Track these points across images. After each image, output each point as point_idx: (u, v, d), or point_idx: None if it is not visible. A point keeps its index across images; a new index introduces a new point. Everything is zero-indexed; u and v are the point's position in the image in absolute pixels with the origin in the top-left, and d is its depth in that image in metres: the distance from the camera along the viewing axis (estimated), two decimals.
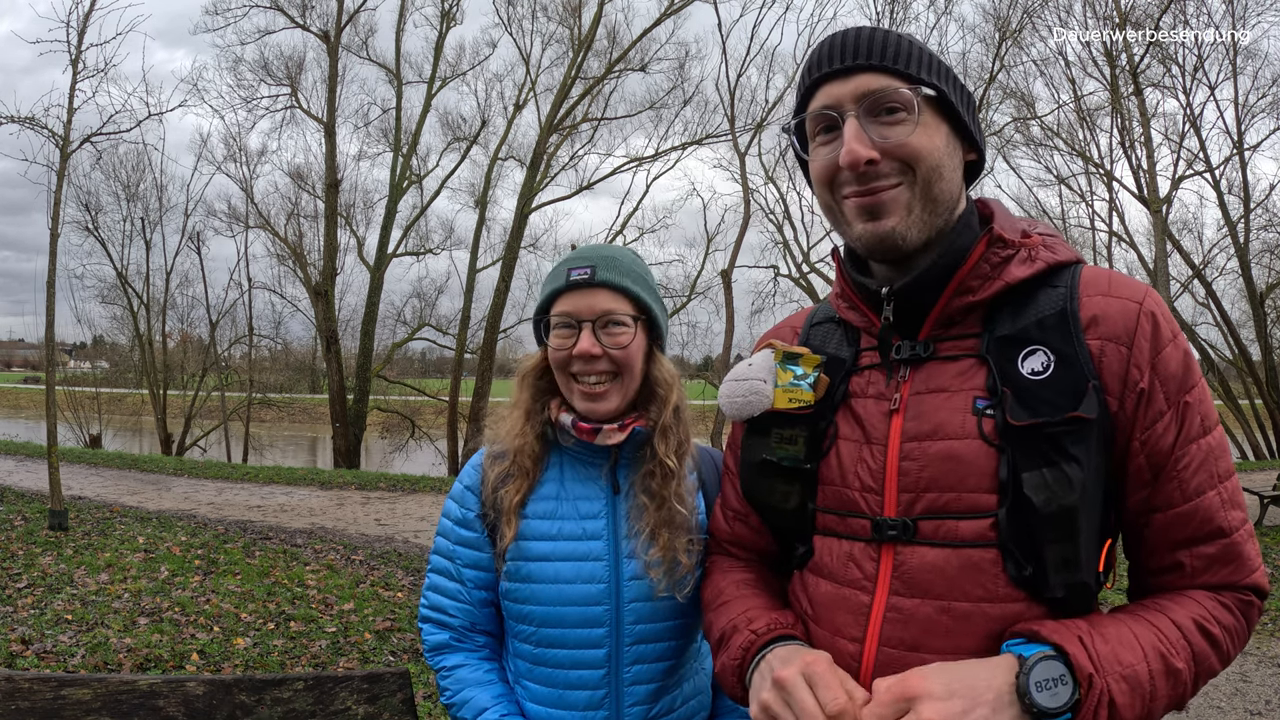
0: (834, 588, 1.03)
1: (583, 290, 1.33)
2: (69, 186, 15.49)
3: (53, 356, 8.12)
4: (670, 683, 1.37)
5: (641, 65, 19.11)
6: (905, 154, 0.97)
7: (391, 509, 10.18)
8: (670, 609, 1.34)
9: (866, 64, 0.98)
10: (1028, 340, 0.97)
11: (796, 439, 1.09)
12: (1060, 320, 0.97)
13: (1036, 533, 0.91)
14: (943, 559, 0.95)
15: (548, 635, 1.33)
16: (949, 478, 0.96)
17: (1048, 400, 0.92)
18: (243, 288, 21.53)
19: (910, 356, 1.03)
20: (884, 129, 0.97)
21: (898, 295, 1.03)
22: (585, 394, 1.33)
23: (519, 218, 18.68)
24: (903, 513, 0.98)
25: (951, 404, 0.98)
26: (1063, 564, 0.92)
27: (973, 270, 1.00)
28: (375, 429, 21.29)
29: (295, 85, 19.52)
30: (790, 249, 19.28)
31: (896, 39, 1.00)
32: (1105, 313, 0.96)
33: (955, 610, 0.94)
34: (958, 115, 1.01)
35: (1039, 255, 1.01)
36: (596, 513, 1.36)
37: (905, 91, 0.97)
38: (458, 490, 1.45)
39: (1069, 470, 0.90)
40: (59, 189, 7.68)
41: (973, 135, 1.04)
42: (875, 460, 1.01)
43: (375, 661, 4.60)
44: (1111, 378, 0.94)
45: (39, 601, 5.27)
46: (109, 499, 10.01)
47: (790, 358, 1.10)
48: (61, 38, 7.49)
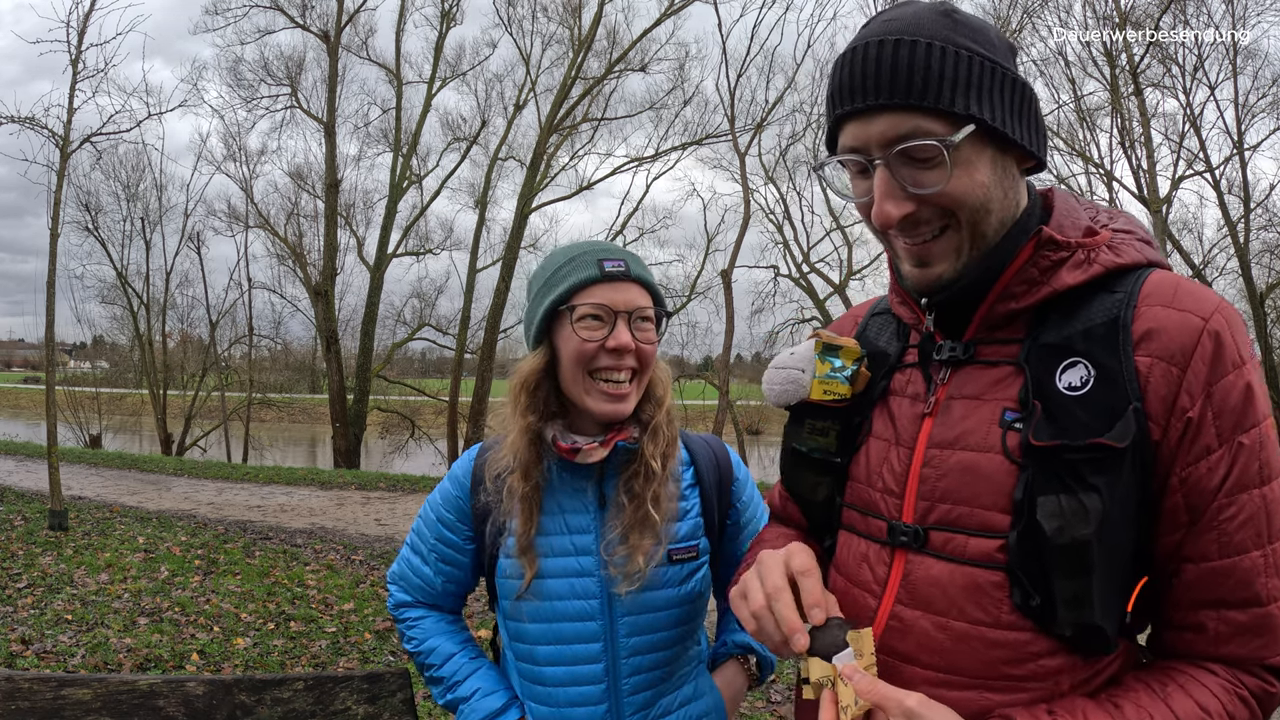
0: (846, 586, 1.01)
1: (618, 283, 1.27)
2: (69, 187, 15.49)
3: (53, 356, 8.12)
4: (668, 687, 1.36)
5: (641, 65, 19.11)
6: (944, 203, 0.88)
7: (391, 509, 10.18)
8: (665, 619, 1.33)
9: (888, 103, 0.84)
10: (1070, 350, 0.87)
11: (828, 431, 1.05)
12: (1109, 331, 0.86)
13: (1046, 563, 0.83)
14: (947, 574, 0.90)
15: (545, 653, 1.32)
16: (964, 490, 0.90)
17: (1079, 420, 0.83)
18: (243, 288, 21.53)
19: (950, 358, 0.96)
20: (918, 174, 0.87)
21: (935, 304, 0.97)
22: (608, 394, 1.28)
23: (519, 218, 18.69)
24: (917, 520, 0.93)
25: (979, 413, 0.92)
26: (1073, 601, 0.83)
27: (1017, 276, 0.91)
28: (375, 429, 21.28)
29: (295, 85, 19.52)
30: (790, 249, 19.29)
31: (926, 58, 0.84)
32: (1162, 326, 0.85)
33: (953, 629, 0.89)
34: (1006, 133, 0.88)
35: (1098, 258, 0.90)
36: (585, 527, 1.34)
37: (933, 144, 0.84)
38: (446, 490, 1.44)
39: (1087, 500, 0.81)
40: (59, 189, 7.68)
41: (1027, 145, 0.90)
42: (900, 463, 0.97)
43: (375, 661, 4.60)
44: (1157, 401, 0.83)
45: (39, 601, 5.27)
46: (109, 499, 10.00)
47: (830, 349, 1.07)
48: (61, 38, 7.49)
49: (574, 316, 1.26)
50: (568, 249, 1.34)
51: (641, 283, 1.30)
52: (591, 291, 1.27)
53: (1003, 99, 0.87)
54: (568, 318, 1.27)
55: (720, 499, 1.44)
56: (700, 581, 1.38)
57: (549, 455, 1.33)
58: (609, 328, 1.26)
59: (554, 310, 1.28)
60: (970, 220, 0.89)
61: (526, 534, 1.32)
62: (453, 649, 1.44)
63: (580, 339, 1.26)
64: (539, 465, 1.33)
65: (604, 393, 1.28)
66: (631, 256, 1.32)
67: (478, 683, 1.39)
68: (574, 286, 1.27)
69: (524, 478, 1.32)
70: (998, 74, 0.87)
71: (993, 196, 0.89)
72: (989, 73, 0.86)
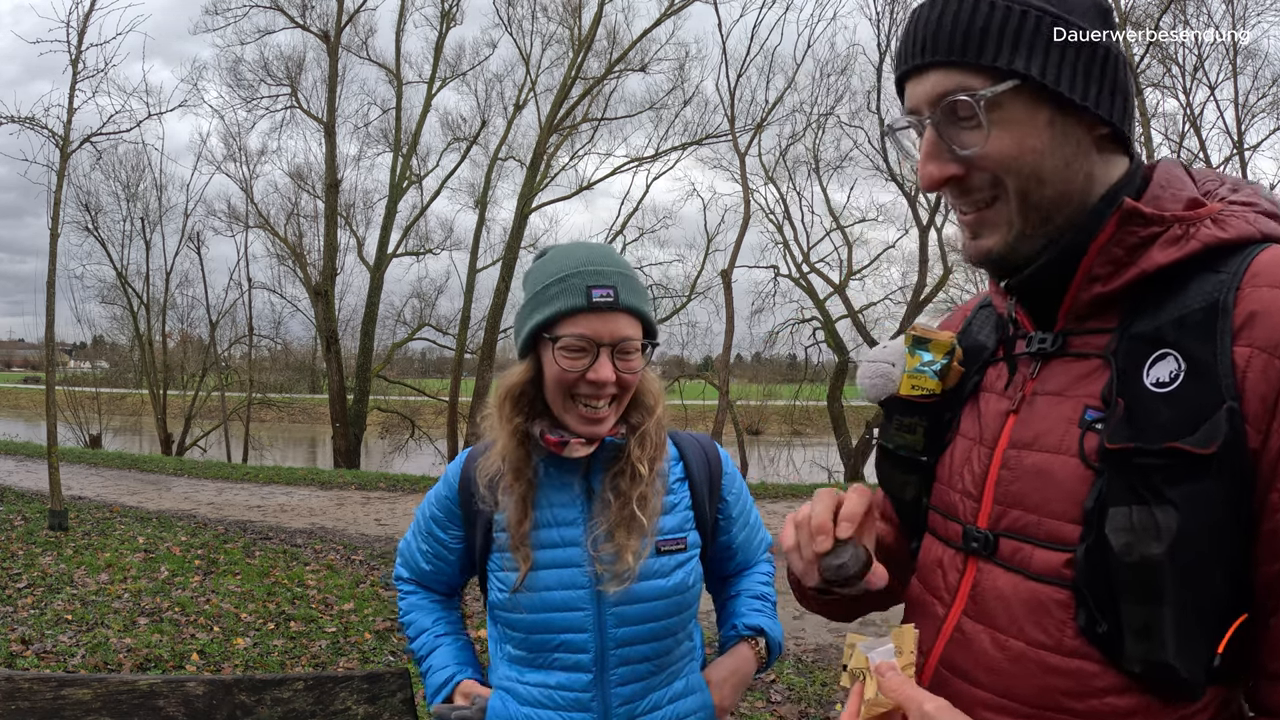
0: (920, 592, 0.96)
1: (603, 314, 1.25)
2: (69, 187, 15.49)
3: (53, 356, 8.12)
4: (657, 681, 1.38)
5: (641, 65, 19.10)
6: (986, 166, 0.81)
7: (391, 509, 10.18)
8: (653, 610, 1.35)
9: (933, 60, 0.81)
10: (1160, 341, 0.76)
11: (915, 428, 0.99)
12: (1207, 317, 0.74)
13: (1115, 584, 0.73)
14: (1011, 587, 0.82)
15: (535, 641, 1.34)
16: (1034, 496, 0.82)
17: (1162, 421, 0.73)
18: (243, 288, 21.48)
19: (1038, 350, 0.88)
20: (962, 134, 0.81)
21: (1016, 290, 0.89)
22: (585, 418, 1.29)
23: (519, 218, 18.68)
24: (990, 525, 0.86)
25: (1059, 411, 0.83)
26: (1143, 632, 0.72)
27: (1101, 256, 0.80)
28: (375, 429, 21.28)
29: (295, 85, 19.49)
30: (790, 249, 19.24)
31: (972, 12, 0.79)
32: (1267, 310, 0.72)
33: (1011, 649, 0.81)
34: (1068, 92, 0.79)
35: (1197, 233, 0.78)
36: (573, 520, 1.36)
37: (965, 99, 0.79)
38: (439, 491, 1.49)
39: (1160, 515, 0.70)
40: (59, 189, 7.67)
41: (1092, 108, 0.79)
42: (980, 463, 0.89)
43: (375, 661, 4.60)
44: (1256, 400, 0.71)
45: (39, 601, 5.27)
46: (109, 499, 10.00)
47: (920, 342, 1.00)
48: (61, 38, 7.49)
49: (556, 345, 1.26)
50: (561, 260, 1.31)
51: (630, 311, 1.28)
52: (576, 321, 1.25)
53: (1063, 56, 0.78)
54: (550, 344, 1.27)
55: (711, 493, 1.47)
56: (689, 574, 1.39)
57: (537, 452, 1.36)
58: (591, 358, 1.25)
59: (538, 332, 1.29)
60: (1019, 189, 0.81)
61: (520, 530, 1.34)
62: (425, 624, 1.52)
63: (560, 368, 1.26)
64: (529, 463, 1.35)
65: (582, 416, 1.30)
66: (624, 280, 1.29)
67: (433, 659, 1.48)
68: (559, 314, 1.26)
69: (516, 477, 1.35)
70: (1059, 30, 0.78)
71: (1046, 164, 0.80)
72: (1046, 27, 0.78)
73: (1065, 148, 0.81)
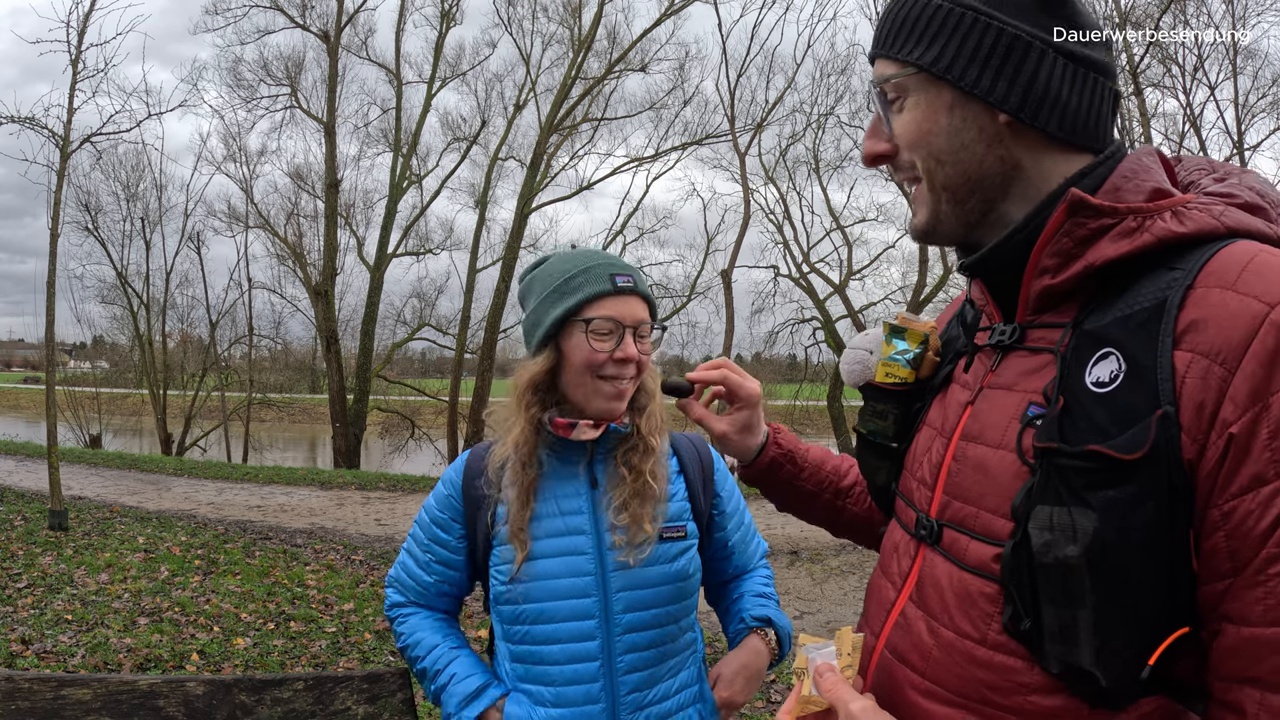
0: (877, 575, 0.99)
1: (626, 296, 1.36)
2: (69, 187, 15.50)
3: (53, 356, 8.11)
4: (663, 670, 1.40)
5: (641, 66, 19.11)
6: (900, 145, 0.88)
7: (391, 509, 10.18)
8: (658, 595, 1.38)
9: (875, 53, 0.90)
10: (1105, 339, 0.75)
11: (887, 415, 1.02)
12: (1152, 316, 0.72)
13: (1036, 583, 0.73)
14: (946, 576, 0.84)
15: (541, 632, 1.36)
16: (975, 489, 0.82)
17: (1095, 422, 0.71)
18: (243, 288, 21.49)
19: (997, 342, 0.88)
20: (891, 118, 0.89)
21: (970, 271, 0.91)
22: (612, 394, 1.37)
23: (519, 218, 18.68)
24: (938, 515, 0.88)
25: (1005, 405, 0.83)
26: (1060, 634, 0.71)
27: (1048, 247, 0.79)
28: (375, 429, 21.29)
29: (295, 85, 19.50)
30: (790, 249, 19.27)
31: (898, 9, 0.88)
32: (1212, 315, 0.68)
33: (942, 637, 0.82)
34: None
35: (1152, 226, 0.75)
36: (578, 508, 1.40)
37: (878, 89, 0.88)
38: (439, 492, 1.49)
39: (1078, 517, 0.69)
40: (59, 189, 7.67)
41: (988, 97, 0.81)
42: (937, 453, 0.91)
43: (375, 661, 4.60)
44: (1193, 409, 0.67)
45: (39, 601, 5.27)
46: (109, 499, 10.00)
47: (897, 331, 1.03)
48: (61, 38, 7.49)
49: (588, 327, 1.34)
50: (571, 259, 1.40)
51: (644, 297, 1.40)
52: (604, 304, 1.35)
53: (962, 47, 0.82)
54: (580, 327, 1.35)
55: (705, 487, 1.53)
56: (690, 562, 1.44)
57: (544, 441, 1.40)
58: (617, 339, 1.35)
59: (566, 318, 1.35)
60: (925, 169, 0.87)
61: (520, 518, 1.37)
62: (435, 640, 1.48)
63: (591, 348, 1.34)
64: (536, 454, 1.40)
65: (610, 393, 1.37)
66: (636, 270, 1.41)
67: (455, 669, 1.44)
68: (588, 298, 1.35)
69: (524, 467, 1.39)
70: (967, 20, 0.82)
71: (943, 145, 0.84)
72: (955, 19, 0.83)
73: (965, 132, 0.84)
